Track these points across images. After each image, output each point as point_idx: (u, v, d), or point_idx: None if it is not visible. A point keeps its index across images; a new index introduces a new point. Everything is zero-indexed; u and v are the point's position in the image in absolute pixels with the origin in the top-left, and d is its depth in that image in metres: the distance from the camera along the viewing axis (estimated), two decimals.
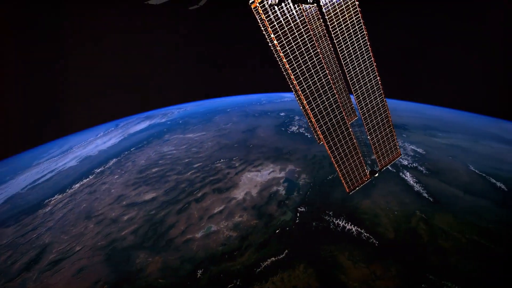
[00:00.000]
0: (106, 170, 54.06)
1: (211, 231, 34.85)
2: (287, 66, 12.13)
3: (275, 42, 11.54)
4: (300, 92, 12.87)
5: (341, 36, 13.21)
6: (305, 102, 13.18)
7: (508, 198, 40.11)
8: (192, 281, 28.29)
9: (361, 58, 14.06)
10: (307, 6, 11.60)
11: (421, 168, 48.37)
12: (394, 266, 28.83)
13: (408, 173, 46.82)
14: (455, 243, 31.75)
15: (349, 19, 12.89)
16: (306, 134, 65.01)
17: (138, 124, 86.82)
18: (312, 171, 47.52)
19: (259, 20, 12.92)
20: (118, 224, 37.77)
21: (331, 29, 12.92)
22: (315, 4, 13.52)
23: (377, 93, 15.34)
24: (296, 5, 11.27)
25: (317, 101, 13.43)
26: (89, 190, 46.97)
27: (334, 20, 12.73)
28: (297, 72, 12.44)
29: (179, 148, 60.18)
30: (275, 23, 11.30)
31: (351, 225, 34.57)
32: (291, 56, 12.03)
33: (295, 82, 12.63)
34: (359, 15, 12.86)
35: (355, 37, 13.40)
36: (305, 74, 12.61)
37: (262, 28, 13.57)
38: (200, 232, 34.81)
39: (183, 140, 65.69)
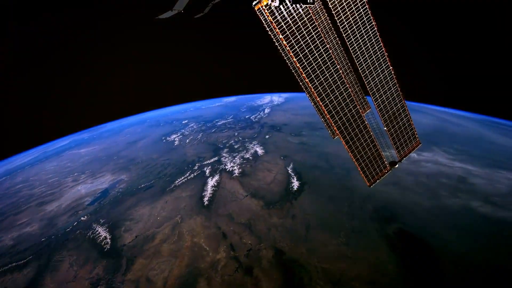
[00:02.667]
0: None
1: None
2: (298, 65, 12.18)
3: (284, 42, 11.65)
4: (313, 89, 12.87)
5: (350, 29, 13.26)
6: (318, 99, 13.14)
7: (278, 200, 41.24)
8: None
9: (372, 50, 14.04)
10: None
11: (237, 171, 50.34)
12: (98, 269, 32.59)
13: (217, 176, 49.19)
14: (177, 247, 34.48)
15: (357, 12, 12.94)
16: (176, 142, 68.83)
17: (63, 141, 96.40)
18: (136, 179, 51.62)
19: (263, 21, 12.90)
20: None
21: (338, 24, 13.02)
22: (315, 4, 13.53)
23: (391, 83, 15.15)
24: (300, 5, 11.47)
25: (330, 97, 13.36)
26: None
27: (341, 14, 12.83)
28: (308, 70, 12.44)
29: (59, 164, 67.21)
30: (282, 23, 11.41)
31: (105, 231, 38.55)
32: (301, 55, 12.08)
33: (306, 80, 12.59)
34: (366, 6, 12.97)
35: (363, 29, 13.43)
36: (316, 71, 12.59)
37: (268, 29, 13.53)
38: None
39: (72, 155, 72.75)
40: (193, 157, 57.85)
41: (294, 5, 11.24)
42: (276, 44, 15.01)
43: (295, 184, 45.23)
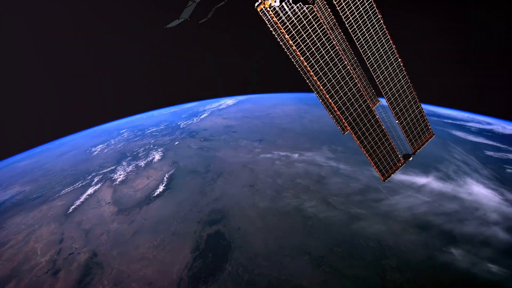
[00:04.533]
0: None
1: None
2: (305, 63, 12.31)
3: (290, 42, 11.88)
4: (321, 87, 13.02)
5: (355, 24, 13.36)
6: (327, 96, 13.19)
7: (132, 206, 44.34)
8: None
9: (379, 43, 14.07)
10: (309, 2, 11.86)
11: (120, 179, 53.99)
12: None
13: (99, 185, 53.03)
14: (17, 251, 38.52)
15: (361, 6, 13.13)
16: (95, 152, 73.51)
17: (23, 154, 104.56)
18: (34, 190, 56.48)
19: (267, 22, 13.19)
20: None
21: (344, 19, 13.23)
22: (316, 2, 13.54)
23: (401, 75, 15.11)
24: (303, 4, 11.67)
25: (339, 93, 13.39)
26: None
27: (346, 9, 13.02)
28: (315, 68, 12.54)
29: None
30: (287, 23, 11.54)
31: None
32: (307, 53, 12.21)
33: (314, 78, 12.68)
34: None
35: (369, 22, 13.52)
36: (324, 69, 12.69)
37: (271, 29, 13.92)
38: None
39: (10, 168, 79.60)
40: (95, 167, 62.08)
41: (298, 5, 11.54)
42: (281, 43, 15.32)
43: (159, 189, 48.19)
